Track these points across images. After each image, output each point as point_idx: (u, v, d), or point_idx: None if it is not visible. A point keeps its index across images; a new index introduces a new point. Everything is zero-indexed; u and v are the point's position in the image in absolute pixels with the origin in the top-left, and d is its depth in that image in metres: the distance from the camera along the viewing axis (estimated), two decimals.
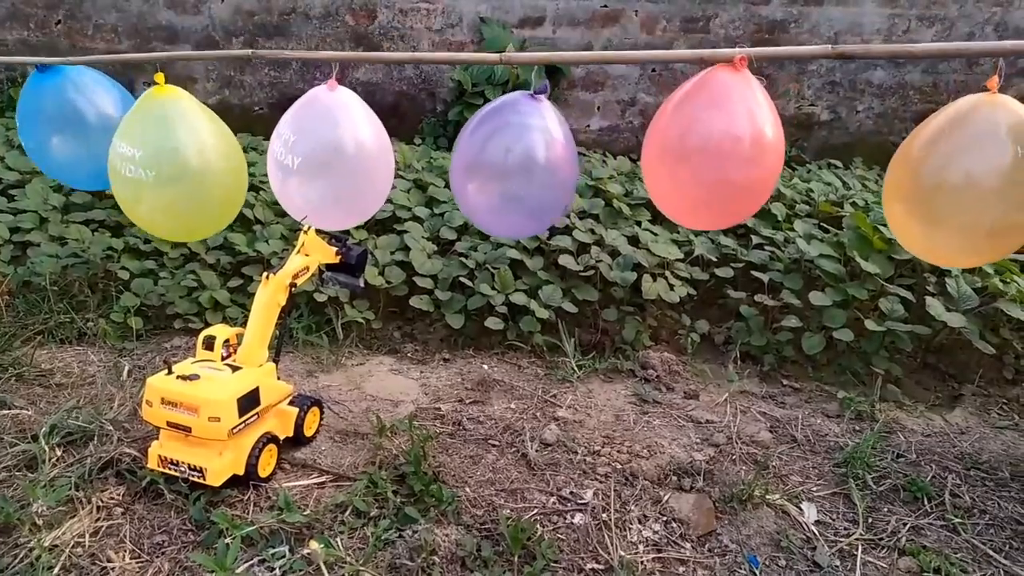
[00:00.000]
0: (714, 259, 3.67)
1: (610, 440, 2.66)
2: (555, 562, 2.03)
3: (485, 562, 1.99)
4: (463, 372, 3.17)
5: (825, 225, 3.77)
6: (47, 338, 3.18)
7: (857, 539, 2.20)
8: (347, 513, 2.14)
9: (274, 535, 2.02)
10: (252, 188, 3.95)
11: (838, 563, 2.11)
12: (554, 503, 2.30)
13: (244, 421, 2.15)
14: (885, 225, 3.39)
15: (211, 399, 2.07)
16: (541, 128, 2.22)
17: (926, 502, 2.38)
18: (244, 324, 3.27)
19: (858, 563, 2.10)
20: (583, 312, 3.45)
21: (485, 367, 3.21)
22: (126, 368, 2.90)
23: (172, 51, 5.83)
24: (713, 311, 3.67)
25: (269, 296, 2.29)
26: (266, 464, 2.27)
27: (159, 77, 2.48)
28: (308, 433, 2.50)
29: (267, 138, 5.05)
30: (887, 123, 6.15)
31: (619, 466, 2.48)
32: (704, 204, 2.16)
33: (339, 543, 2.00)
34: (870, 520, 2.29)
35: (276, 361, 2.42)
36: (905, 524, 2.27)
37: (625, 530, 2.19)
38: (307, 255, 2.39)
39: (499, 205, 2.36)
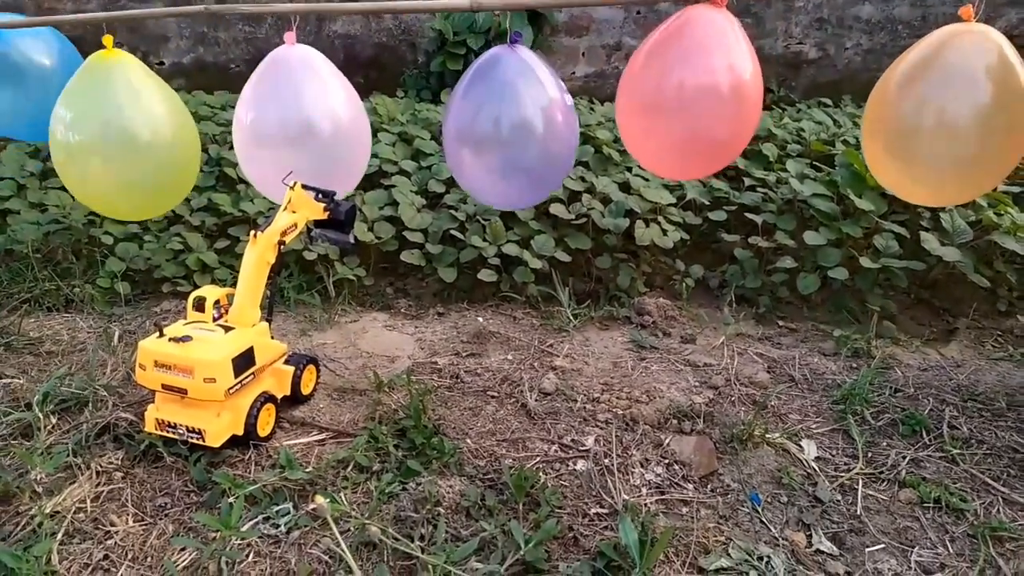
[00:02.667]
0: (706, 203, 3.63)
1: (609, 387, 2.66)
2: (559, 508, 2.04)
3: (490, 511, 1.99)
4: (458, 325, 3.15)
5: (817, 164, 3.73)
6: (33, 306, 3.13)
7: (857, 473, 2.22)
8: (349, 468, 2.13)
9: (277, 493, 2.01)
10: (233, 147, 3.86)
11: (839, 498, 2.12)
12: (556, 451, 2.31)
13: (240, 381, 2.12)
14: None
15: (206, 360, 2.03)
16: (535, 93, 2.12)
17: (924, 435, 2.40)
18: (234, 285, 3.23)
19: (859, 496, 2.12)
20: (576, 261, 3.42)
21: (480, 319, 3.19)
22: (116, 333, 2.86)
23: (143, 9, 5.65)
24: (707, 255, 3.65)
25: (258, 255, 2.25)
26: (265, 423, 2.25)
27: (107, 40, 2.36)
28: (305, 391, 2.48)
29: None
30: (876, 59, 6.07)
31: (619, 412, 2.48)
32: (681, 156, 2.12)
33: (343, 498, 1.99)
34: (870, 454, 2.31)
35: (269, 320, 2.38)
36: (904, 457, 2.29)
37: (628, 474, 2.20)
38: (294, 212, 2.33)
39: (497, 177, 2.29)
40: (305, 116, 2.29)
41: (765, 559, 1.87)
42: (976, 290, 3.18)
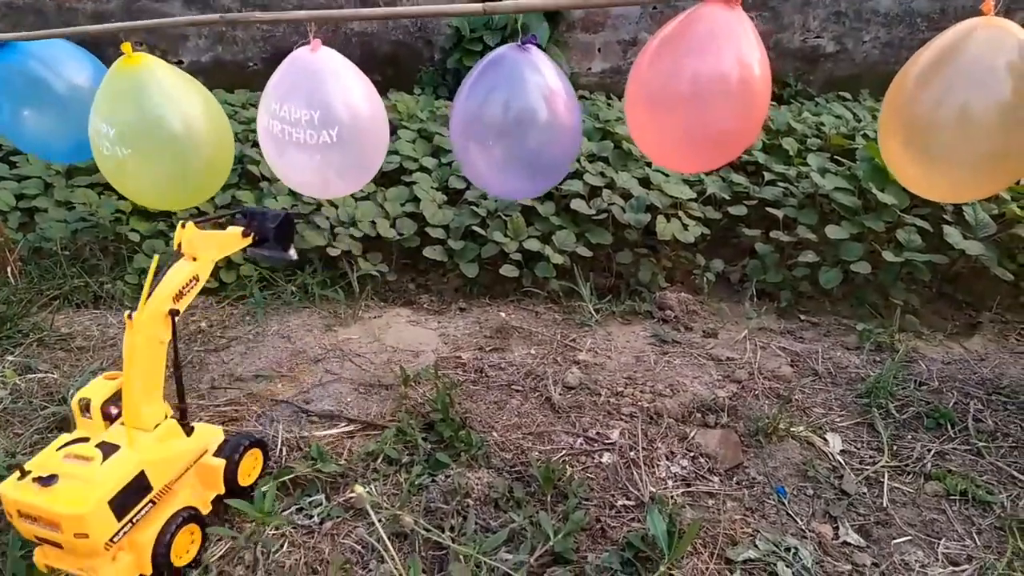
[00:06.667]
0: (727, 197, 3.63)
1: (632, 381, 2.68)
2: (587, 500, 2.06)
3: (518, 503, 2.02)
4: (480, 320, 3.17)
5: (838, 158, 3.72)
6: (63, 303, 3.18)
7: (883, 466, 2.23)
8: (379, 461, 2.17)
9: (310, 484, 2.04)
10: (256, 145, 3.90)
11: (865, 490, 2.13)
12: (581, 444, 2.33)
13: (130, 520, 1.66)
14: None
15: (71, 513, 1.55)
16: (539, 83, 2.10)
17: (950, 428, 2.40)
18: (260, 281, 3.25)
19: (885, 489, 2.13)
20: (597, 256, 3.44)
21: (502, 314, 3.21)
22: None
23: (161, 10, 5.72)
24: (727, 250, 3.65)
25: (144, 339, 1.71)
26: (183, 550, 1.78)
27: (126, 47, 2.36)
28: (245, 483, 1.99)
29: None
30: (894, 52, 6.03)
31: (643, 405, 2.50)
32: (687, 149, 2.13)
33: (374, 489, 2.03)
34: (895, 447, 2.32)
35: (183, 408, 1.90)
36: (930, 450, 2.30)
37: (653, 467, 2.22)
38: (193, 259, 1.82)
39: (501, 166, 2.30)
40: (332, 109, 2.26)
41: (793, 550, 1.88)
42: (999, 284, 3.17)
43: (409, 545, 1.86)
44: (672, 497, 2.08)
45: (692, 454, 2.28)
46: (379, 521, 1.79)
